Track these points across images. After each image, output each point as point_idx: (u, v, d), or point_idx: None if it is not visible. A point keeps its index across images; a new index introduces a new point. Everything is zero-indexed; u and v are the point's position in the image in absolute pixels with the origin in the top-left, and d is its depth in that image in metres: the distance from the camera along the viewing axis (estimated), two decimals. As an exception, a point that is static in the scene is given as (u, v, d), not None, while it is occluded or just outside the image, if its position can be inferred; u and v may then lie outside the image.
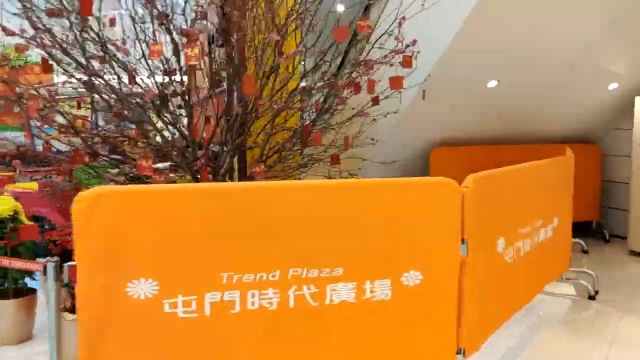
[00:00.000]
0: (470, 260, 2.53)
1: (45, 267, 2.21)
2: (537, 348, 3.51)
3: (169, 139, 3.51)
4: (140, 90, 3.38)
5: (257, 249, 2.24)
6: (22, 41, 2.90)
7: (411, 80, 4.07)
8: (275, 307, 2.28)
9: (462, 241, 2.48)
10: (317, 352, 2.36)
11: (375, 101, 4.07)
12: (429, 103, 4.79)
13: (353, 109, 4.31)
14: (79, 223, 2.07)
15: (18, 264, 2.39)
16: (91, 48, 3.17)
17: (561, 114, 6.01)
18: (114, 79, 3.36)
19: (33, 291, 3.63)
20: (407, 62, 3.33)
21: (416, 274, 2.43)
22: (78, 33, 3.06)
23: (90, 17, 3.06)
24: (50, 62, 3.07)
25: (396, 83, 3.24)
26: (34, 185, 4.84)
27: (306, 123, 3.69)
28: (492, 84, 5.22)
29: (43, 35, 2.98)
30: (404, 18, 3.61)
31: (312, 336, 2.34)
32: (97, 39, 3.15)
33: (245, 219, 2.23)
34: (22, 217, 3.46)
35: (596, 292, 4.51)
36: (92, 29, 3.08)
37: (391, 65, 3.54)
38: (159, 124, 3.54)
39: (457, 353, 2.55)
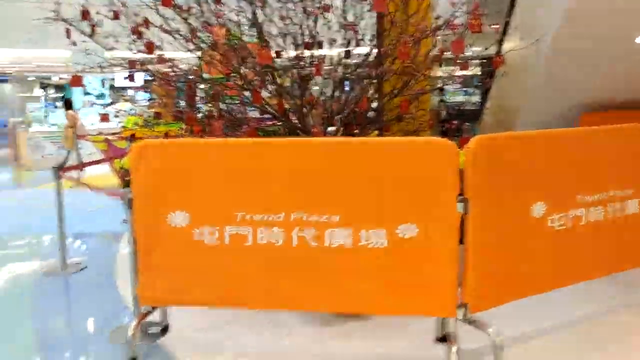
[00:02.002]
0: (475, 218, 2.61)
1: (124, 196, 2.99)
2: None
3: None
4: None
5: (265, 194, 2.70)
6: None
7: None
8: (280, 243, 2.71)
9: (460, 199, 2.57)
10: (315, 287, 2.73)
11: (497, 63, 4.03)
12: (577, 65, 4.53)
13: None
14: (132, 167, 2.78)
15: (115, 194, 3.23)
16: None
17: None
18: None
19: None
20: (473, 27, 3.32)
21: (411, 227, 2.62)
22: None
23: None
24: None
25: (458, 47, 3.28)
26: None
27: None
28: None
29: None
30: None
31: (311, 273, 2.72)
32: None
33: (256, 169, 2.69)
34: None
35: None
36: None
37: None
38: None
39: (459, 307, 2.66)
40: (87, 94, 14.02)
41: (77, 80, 3.62)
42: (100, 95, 14.19)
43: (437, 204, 2.61)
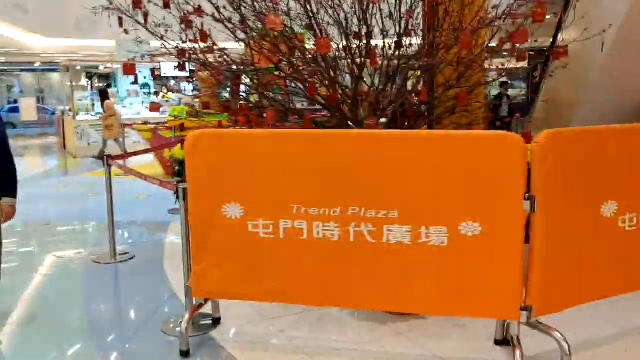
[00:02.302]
0: (543, 217, 2.48)
1: (177, 188, 2.96)
2: None
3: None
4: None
5: (322, 187, 2.62)
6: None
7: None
8: (336, 239, 2.64)
9: (527, 197, 2.45)
10: (371, 285, 2.65)
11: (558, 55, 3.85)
12: (628, 57, 4.33)
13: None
14: (188, 157, 2.74)
15: (154, 181, 3.21)
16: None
17: None
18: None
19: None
20: (537, 15, 3.17)
21: (474, 225, 2.51)
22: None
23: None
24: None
25: (520, 36, 3.14)
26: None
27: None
28: None
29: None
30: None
31: (368, 270, 2.64)
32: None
33: (313, 160, 2.62)
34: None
35: None
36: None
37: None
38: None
39: (522, 309, 2.54)
40: (132, 83, 14.21)
41: (129, 69, 3.61)
42: (145, 85, 14.36)
43: (502, 202, 2.48)
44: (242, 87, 4.45)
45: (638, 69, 4.81)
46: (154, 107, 4.25)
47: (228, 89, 4.34)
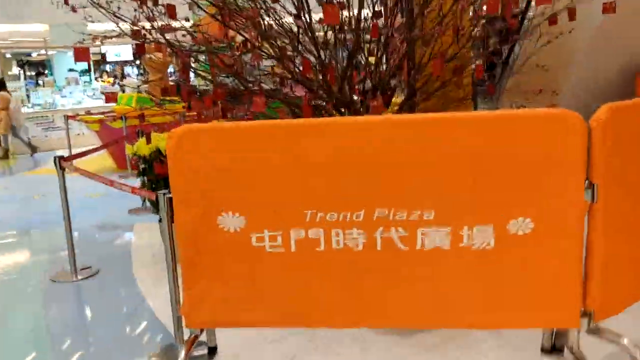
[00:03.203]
0: (603, 208, 2.10)
1: (156, 198, 2.44)
2: None
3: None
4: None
5: (340, 187, 2.17)
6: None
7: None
8: (360, 248, 2.20)
9: (588, 185, 2.07)
10: (405, 300, 2.23)
11: (553, 21, 3.55)
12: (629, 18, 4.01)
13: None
14: (171, 158, 2.22)
15: (143, 192, 2.67)
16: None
17: None
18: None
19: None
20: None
21: (526, 222, 2.11)
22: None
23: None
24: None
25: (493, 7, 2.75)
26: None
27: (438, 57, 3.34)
28: None
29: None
30: None
31: (400, 282, 2.21)
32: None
33: (328, 156, 2.15)
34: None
35: None
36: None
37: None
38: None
39: (582, 316, 2.18)
40: (70, 70, 13.20)
41: (82, 54, 3.01)
42: (85, 71, 13.38)
43: (558, 192, 2.09)
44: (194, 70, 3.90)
45: (633, 31, 4.53)
46: (110, 97, 3.64)
47: (194, 72, 3.77)
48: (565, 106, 4.60)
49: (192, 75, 4.04)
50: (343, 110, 3.42)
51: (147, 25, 3.59)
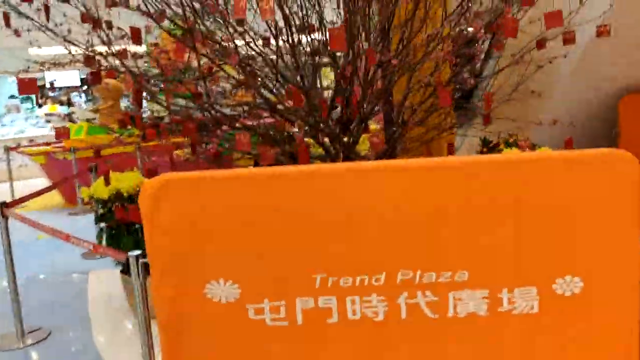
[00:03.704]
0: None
1: (127, 261, 2.01)
2: None
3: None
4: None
5: (356, 246, 1.80)
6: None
7: (587, 14, 3.26)
8: (381, 318, 1.83)
9: (645, 237, 1.78)
10: (437, 376, 1.87)
11: (541, 45, 3.33)
12: (614, 42, 3.83)
13: (513, 55, 3.61)
14: (147, 215, 1.80)
15: (108, 252, 2.23)
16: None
17: None
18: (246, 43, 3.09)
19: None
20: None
21: (574, 281, 1.80)
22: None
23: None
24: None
25: (554, 20, 2.51)
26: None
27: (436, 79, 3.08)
28: None
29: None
30: None
31: (430, 357, 1.86)
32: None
33: (339, 209, 1.79)
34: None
35: None
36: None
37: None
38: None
39: (639, 387, 1.87)
40: (12, 97, 12.38)
41: (27, 85, 2.56)
42: (27, 98, 12.60)
43: (611, 245, 1.79)
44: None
45: (614, 57, 4.39)
46: (62, 132, 3.18)
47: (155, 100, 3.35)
48: (548, 133, 4.40)
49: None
50: (329, 145, 3.08)
51: (101, 49, 3.19)
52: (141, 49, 3.46)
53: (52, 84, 4.10)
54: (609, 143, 4.69)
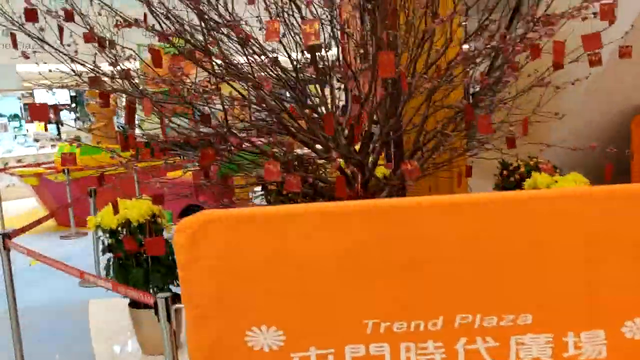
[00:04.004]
0: None
1: (155, 304, 1.85)
2: None
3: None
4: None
5: (410, 288, 1.67)
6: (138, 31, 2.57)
7: (604, 36, 3.18)
8: (438, 365, 1.69)
9: None
10: None
11: (558, 65, 3.24)
12: (628, 62, 3.76)
13: (529, 75, 3.51)
14: (184, 257, 1.65)
15: (132, 293, 2.06)
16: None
17: None
18: (249, 63, 2.97)
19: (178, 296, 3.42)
20: (605, 14, 2.47)
21: (645, 323, 1.68)
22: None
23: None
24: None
25: (592, 42, 2.41)
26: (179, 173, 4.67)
27: (465, 102, 2.99)
28: None
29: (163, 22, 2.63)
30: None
31: (490, 406, 1.71)
32: (228, 19, 2.75)
33: (393, 248, 1.65)
34: (163, 221, 3.23)
35: None
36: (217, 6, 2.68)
37: (584, 19, 2.70)
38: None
39: None
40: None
41: (39, 112, 2.40)
42: (14, 117, 12.32)
43: (684, 285, 1.67)
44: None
45: (631, 77, 4.33)
46: (68, 159, 3.01)
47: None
48: (559, 154, 4.27)
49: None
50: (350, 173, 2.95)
51: (106, 68, 3.05)
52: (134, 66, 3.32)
53: (55, 107, 3.85)
54: (623, 164, 4.60)
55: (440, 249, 1.65)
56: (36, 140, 10.97)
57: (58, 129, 10.26)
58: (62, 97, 11.85)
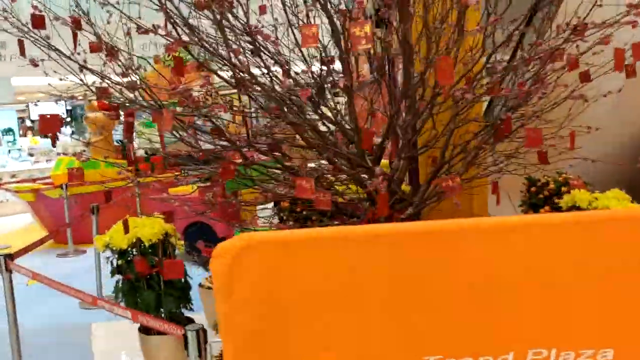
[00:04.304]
0: None
1: (185, 337, 1.65)
2: None
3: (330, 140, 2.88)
4: (294, 84, 2.82)
5: (476, 319, 1.48)
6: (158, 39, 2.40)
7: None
8: (508, 405, 1.50)
9: None
10: None
11: (586, 78, 3.10)
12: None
13: (554, 88, 3.36)
14: (223, 285, 1.46)
15: (157, 324, 1.87)
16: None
17: None
18: (265, 73, 2.81)
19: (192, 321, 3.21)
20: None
21: None
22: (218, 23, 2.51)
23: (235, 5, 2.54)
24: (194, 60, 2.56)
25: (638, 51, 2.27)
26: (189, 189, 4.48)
27: (507, 113, 2.83)
28: None
29: (181, 30, 2.47)
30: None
31: None
32: (243, 28, 2.59)
33: (456, 274, 1.47)
34: (175, 240, 3.03)
35: None
36: (236, 18, 2.53)
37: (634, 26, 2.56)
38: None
39: None
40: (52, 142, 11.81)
41: (50, 124, 2.22)
42: (8, 131, 12.08)
43: None
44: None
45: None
46: (75, 174, 2.82)
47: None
48: (583, 167, 4.10)
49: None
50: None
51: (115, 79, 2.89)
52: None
53: (61, 120, 3.65)
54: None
55: (511, 275, 1.47)
56: (31, 155, 10.74)
57: (53, 143, 10.03)
58: (58, 111, 11.65)
